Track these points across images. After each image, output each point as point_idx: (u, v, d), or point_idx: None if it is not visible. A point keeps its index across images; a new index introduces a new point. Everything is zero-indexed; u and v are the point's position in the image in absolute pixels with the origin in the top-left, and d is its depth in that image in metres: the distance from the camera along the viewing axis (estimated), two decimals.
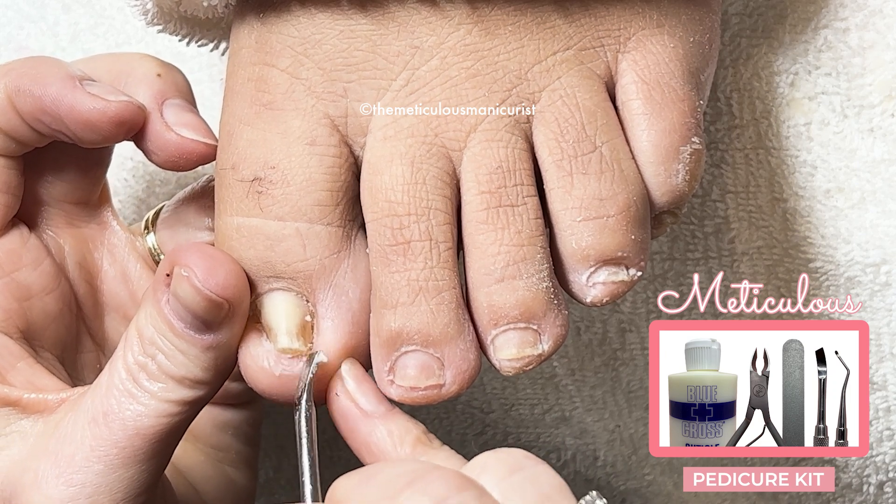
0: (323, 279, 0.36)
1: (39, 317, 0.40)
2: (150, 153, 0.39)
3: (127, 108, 0.38)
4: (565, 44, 0.37)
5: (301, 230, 0.36)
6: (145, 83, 0.40)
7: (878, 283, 0.43)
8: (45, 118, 0.38)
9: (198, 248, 0.36)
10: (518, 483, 0.31)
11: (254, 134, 0.37)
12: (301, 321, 0.37)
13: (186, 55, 0.46)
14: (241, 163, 0.37)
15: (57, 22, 0.49)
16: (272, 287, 0.37)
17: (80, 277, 0.42)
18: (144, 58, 0.41)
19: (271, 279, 0.37)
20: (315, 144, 0.36)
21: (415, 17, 0.36)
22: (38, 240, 0.41)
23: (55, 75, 0.38)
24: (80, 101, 0.38)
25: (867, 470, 0.46)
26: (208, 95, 0.47)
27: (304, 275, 0.36)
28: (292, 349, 0.36)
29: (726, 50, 0.43)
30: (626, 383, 0.48)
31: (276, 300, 0.37)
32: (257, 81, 0.37)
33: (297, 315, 0.37)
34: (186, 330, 0.36)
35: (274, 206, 0.36)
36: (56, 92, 0.38)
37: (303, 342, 0.37)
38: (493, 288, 0.36)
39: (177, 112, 0.39)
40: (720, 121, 0.43)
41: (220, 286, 0.35)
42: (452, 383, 0.36)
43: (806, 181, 0.43)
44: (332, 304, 0.37)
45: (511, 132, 0.36)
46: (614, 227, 0.36)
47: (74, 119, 0.38)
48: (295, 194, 0.36)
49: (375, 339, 0.36)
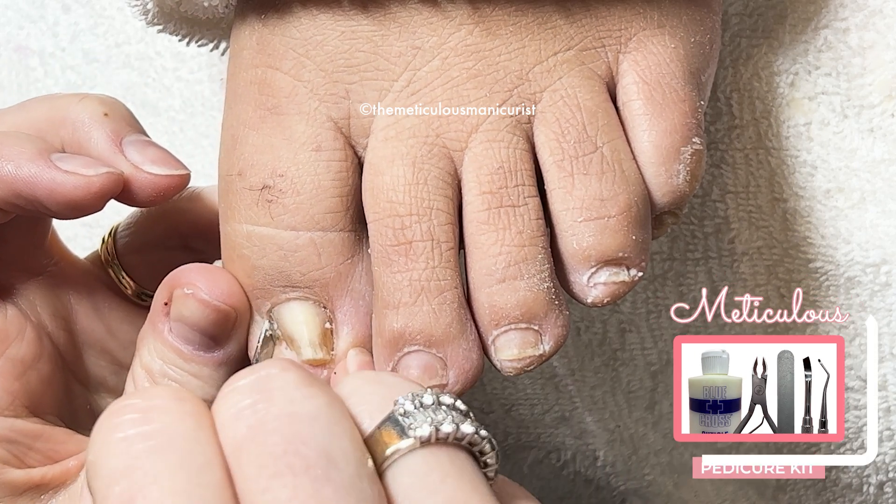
0: (340, 286, 0.37)
1: (38, 386, 0.39)
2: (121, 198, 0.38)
3: (109, 180, 0.37)
4: (566, 44, 0.37)
5: (315, 239, 0.36)
6: (96, 128, 0.38)
7: (879, 284, 0.43)
8: (19, 200, 0.37)
9: (193, 266, 0.36)
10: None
11: (259, 139, 0.37)
12: (322, 329, 0.37)
13: (186, 55, 0.46)
14: (249, 170, 0.37)
15: (57, 22, 0.49)
16: (289, 297, 0.37)
17: (56, 327, 0.41)
18: (83, 100, 0.39)
19: (287, 288, 0.37)
20: (321, 150, 0.36)
21: (416, 18, 0.36)
22: (14, 308, 0.40)
23: (24, 155, 0.37)
24: (59, 181, 0.36)
25: (867, 470, 0.46)
26: (208, 96, 0.47)
27: (320, 283, 0.36)
28: (317, 360, 0.37)
29: (726, 50, 0.43)
30: (626, 383, 0.48)
31: (295, 310, 0.37)
32: (260, 84, 0.37)
33: (318, 324, 0.37)
34: (196, 352, 0.36)
35: (285, 215, 0.36)
36: (30, 173, 0.36)
37: (326, 351, 0.37)
38: (495, 288, 0.36)
39: (139, 149, 0.38)
40: (720, 121, 0.43)
41: (225, 294, 0.35)
42: (455, 383, 0.36)
43: (806, 181, 0.43)
44: (350, 309, 0.37)
45: (512, 133, 0.36)
46: (615, 228, 0.36)
47: (55, 200, 0.36)
48: (306, 203, 0.36)
49: (378, 340, 0.36)
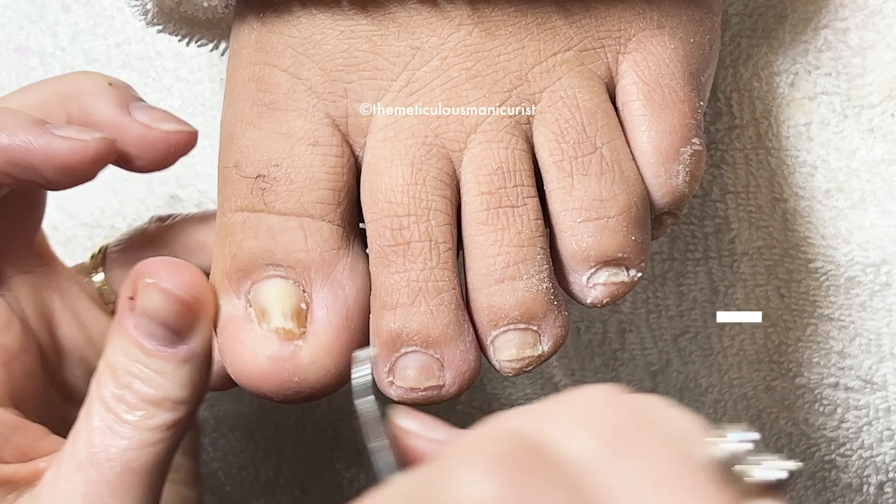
0: (321, 271, 0.36)
1: (21, 379, 0.39)
2: (132, 160, 0.39)
3: (104, 144, 0.37)
4: (566, 45, 0.37)
5: (304, 224, 0.36)
6: (103, 96, 0.39)
7: (879, 284, 0.43)
8: (14, 169, 0.37)
9: (157, 259, 0.36)
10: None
11: (256, 133, 0.37)
12: (296, 306, 0.36)
13: (186, 55, 0.46)
14: (245, 161, 0.37)
15: (57, 22, 0.49)
16: (269, 274, 0.36)
17: (40, 327, 0.41)
18: (87, 74, 0.40)
19: (269, 267, 0.36)
20: (318, 145, 0.36)
21: (415, 18, 0.36)
22: (1, 298, 0.40)
23: (19, 124, 0.37)
24: (55, 146, 0.37)
25: (867, 470, 0.46)
26: (208, 95, 0.47)
27: (303, 264, 0.36)
28: (286, 329, 0.36)
29: (726, 50, 0.43)
30: (627, 383, 0.48)
31: (273, 285, 0.36)
32: (258, 81, 0.37)
33: (293, 301, 0.36)
34: (159, 347, 0.35)
35: (277, 201, 0.36)
36: (25, 140, 0.37)
37: (296, 325, 0.36)
38: (493, 289, 0.36)
39: (146, 112, 0.39)
40: (720, 121, 0.43)
41: (187, 284, 0.35)
42: (452, 384, 0.36)
43: (806, 181, 0.43)
44: (327, 295, 0.36)
45: (511, 133, 0.36)
46: (615, 228, 0.36)
47: (51, 165, 0.37)
48: (298, 191, 0.36)
49: (375, 340, 0.36)
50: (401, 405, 0.34)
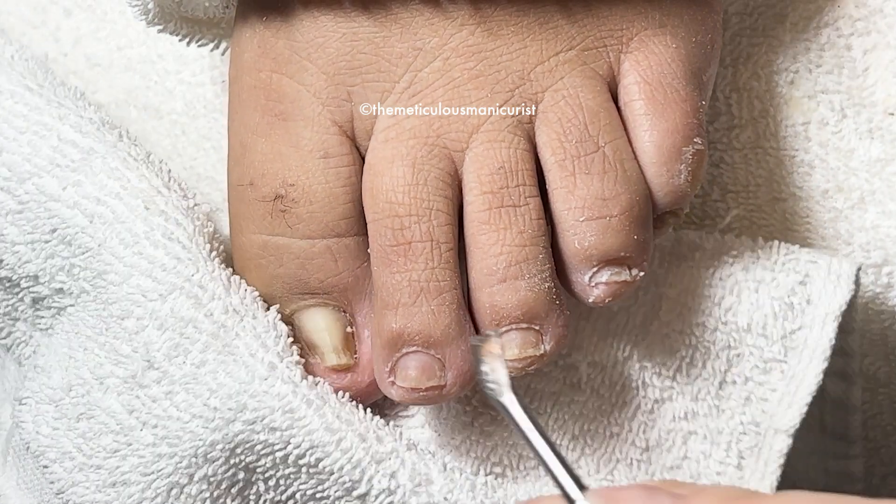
0: (357, 289, 0.37)
1: None
2: None
3: None
4: (568, 44, 0.37)
5: (331, 246, 0.37)
6: None
7: (880, 285, 0.43)
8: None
9: None
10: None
11: (267, 147, 0.37)
12: (344, 334, 0.37)
13: (188, 58, 0.46)
14: (259, 179, 0.37)
15: (58, 27, 0.49)
16: (308, 303, 0.37)
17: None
18: None
19: (306, 296, 0.37)
20: (328, 157, 0.36)
21: (417, 19, 0.36)
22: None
23: None
24: None
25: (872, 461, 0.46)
26: (210, 98, 0.47)
27: (339, 288, 0.37)
28: (341, 365, 0.37)
29: (726, 49, 0.43)
30: None
31: (317, 317, 0.37)
32: (265, 89, 0.37)
33: (339, 329, 0.37)
34: None
35: (300, 224, 0.36)
36: None
37: (349, 356, 0.37)
38: (496, 288, 0.36)
39: None
40: (718, 120, 0.43)
41: None
42: (453, 384, 0.36)
43: (804, 181, 0.43)
44: (369, 312, 0.37)
45: (513, 133, 0.36)
46: (617, 228, 0.36)
47: None
48: (320, 212, 0.36)
49: (377, 340, 0.36)
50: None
